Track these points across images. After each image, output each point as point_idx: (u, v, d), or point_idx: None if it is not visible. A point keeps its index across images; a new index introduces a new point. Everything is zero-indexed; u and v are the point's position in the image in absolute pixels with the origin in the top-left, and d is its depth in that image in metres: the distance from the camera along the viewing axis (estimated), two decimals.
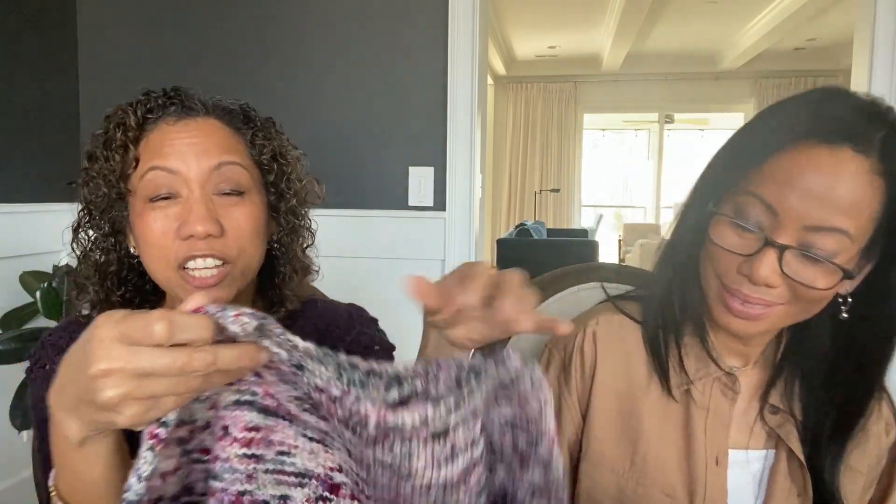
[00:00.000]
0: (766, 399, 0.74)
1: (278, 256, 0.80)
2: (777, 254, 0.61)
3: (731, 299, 0.66)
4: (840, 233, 0.60)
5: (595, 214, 8.52)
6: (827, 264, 0.61)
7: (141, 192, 0.69)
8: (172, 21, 2.28)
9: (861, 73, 1.89)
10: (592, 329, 0.78)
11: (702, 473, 0.72)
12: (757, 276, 0.62)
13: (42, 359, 0.72)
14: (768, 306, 0.64)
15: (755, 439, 0.74)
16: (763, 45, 6.39)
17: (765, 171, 0.63)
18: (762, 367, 0.76)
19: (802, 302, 0.64)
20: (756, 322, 0.66)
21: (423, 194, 2.13)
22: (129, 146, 0.69)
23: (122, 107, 0.72)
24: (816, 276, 0.62)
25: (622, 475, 0.74)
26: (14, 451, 2.10)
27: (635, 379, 0.75)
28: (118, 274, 0.75)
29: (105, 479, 0.48)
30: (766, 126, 0.66)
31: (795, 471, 0.72)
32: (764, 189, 0.62)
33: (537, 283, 1.01)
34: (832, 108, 0.62)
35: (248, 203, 0.71)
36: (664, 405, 0.74)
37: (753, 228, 0.63)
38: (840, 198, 0.59)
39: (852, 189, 0.59)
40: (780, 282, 0.63)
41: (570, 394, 0.78)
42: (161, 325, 0.38)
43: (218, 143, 0.70)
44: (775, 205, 0.62)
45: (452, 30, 2.04)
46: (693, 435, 0.72)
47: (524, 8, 5.64)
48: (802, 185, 0.60)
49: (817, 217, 0.60)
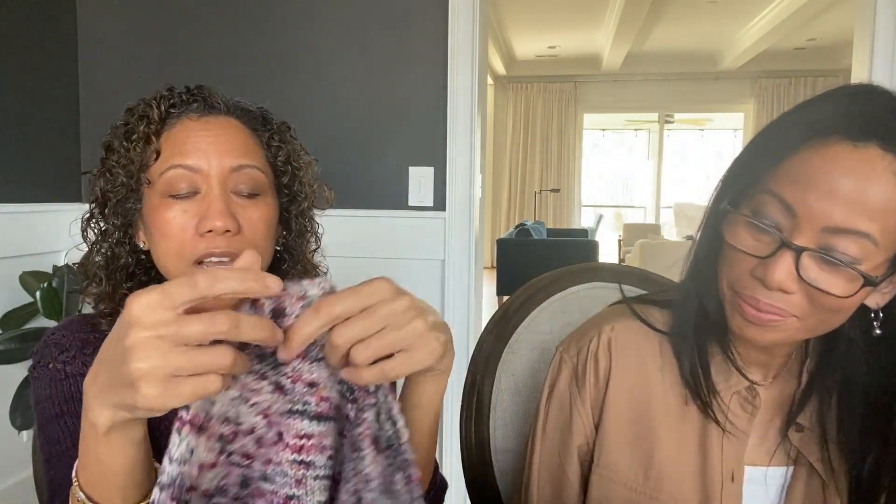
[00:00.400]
0: (792, 417, 0.69)
1: (288, 258, 0.82)
2: (794, 256, 0.57)
3: (744, 305, 0.61)
4: (863, 236, 0.55)
5: (595, 214, 8.52)
6: (847, 270, 0.56)
7: (160, 186, 0.70)
8: (173, 23, 2.28)
9: (861, 73, 1.89)
10: (608, 336, 0.74)
11: (717, 490, 0.68)
12: (771, 280, 0.57)
13: (45, 358, 0.72)
14: (782, 316, 0.59)
15: (776, 457, 0.70)
16: (763, 45, 6.40)
17: (785, 169, 0.58)
18: (784, 381, 0.71)
19: (820, 312, 0.59)
20: (770, 330, 0.61)
21: (423, 194, 2.13)
22: (151, 138, 0.71)
23: (145, 100, 0.73)
24: (835, 283, 0.57)
25: (635, 489, 0.71)
26: (14, 451, 2.10)
27: (651, 389, 0.72)
28: (126, 268, 0.76)
29: (126, 472, 0.48)
30: (789, 123, 0.61)
31: (816, 491, 0.68)
32: (783, 188, 0.58)
33: (537, 283, 1.01)
34: (860, 105, 0.58)
35: (263, 204, 0.73)
36: (681, 417, 0.71)
37: (770, 229, 0.58)
38: (865, 199, 0.54)
39: (879, 189, 0.54)
40: (796, 287, 0.58)
41: (582, 403, 0.75)
42: (202, 276, 0.40)
43: (239, 145, 0.72)
44: (794, 204, 0.57)
45: (452, 30, 2.04)
46: (709, 450, 0.69)
47: (524, 8, 5.65)
48: (824, 185, 0.55)
49: (839, 218, 0.55)
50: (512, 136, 8.47)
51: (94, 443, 0.46)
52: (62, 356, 0.71)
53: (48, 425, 0.68)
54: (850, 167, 0.55)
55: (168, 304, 0.39)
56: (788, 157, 0.58)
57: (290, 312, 0.44)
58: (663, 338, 0.73)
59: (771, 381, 0.71)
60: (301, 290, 0.44)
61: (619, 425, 0.73)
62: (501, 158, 8.51)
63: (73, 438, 0.67)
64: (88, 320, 0.76)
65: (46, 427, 0.69)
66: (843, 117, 0.56)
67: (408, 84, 2.12)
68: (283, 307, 0.43)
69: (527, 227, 6.04)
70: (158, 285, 0.40)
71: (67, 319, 0.77)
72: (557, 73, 8.08)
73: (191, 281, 0.39)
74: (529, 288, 1.02)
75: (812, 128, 0.58)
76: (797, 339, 0.64)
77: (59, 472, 0.66)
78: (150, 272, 0.78)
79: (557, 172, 8.41)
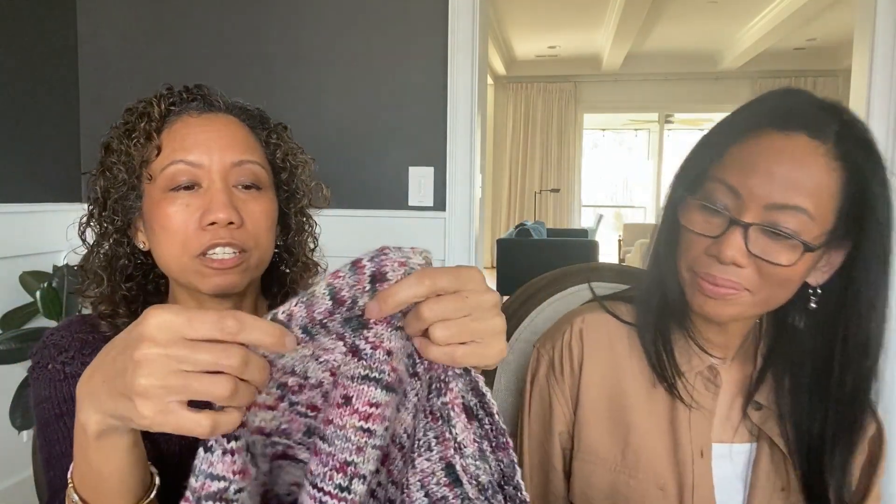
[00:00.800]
0: (750, 395, 0.76)
1: (288, 257, 0.82)
2: (742, 232, 0.65)
3: (702, 283, 0.68)
4: (801, 211, 0.63)
5: (595, 214, 8.52)
6: (789, 241, 0.64)
7: (161, 182, 0.70)
8: (173, 23, 2.28)
9: (861, 73, 1.89)
10: (579, 326, 0.80)
11: (688, 466, 0.74)
12: (724, 255, 0.65)
13: (44, 358, 0.72)
14: (736, 289, 0.67)
15: (739, 434, 0.76)
16: (763, 45, 6.40)
17: (729, 159, 0.68)
18: (742, 363, 0.78)
19: (769, 285, 0.66)
20: (727, 304, 0.68)
21: (423, 194, 2.13)
22: (152, 134, 0.71)
23: (145, 99, 0.73)
24: (780, 253, 0.64)
25: (614, 469, 0.76)
26: (14, 451, 2.10)
27: (622, 374, 0.78)
28: (125, 269, 0.76)
29: (119, 476, 0.48)
30: (730, 120, 0.71)
31: (779, 465, 0.74)
32: (728, 174, 0.67)
33: (537, 283, 1.01)
34: (790, 102, 0.68)
35: (264, 198, 0.73)
36: (651, 399, 0.77)
37: (720, 209, 0.67)
38: (798, 178, 0.63)
39: (809, 170, 0.64)
40: (747, 261, 0.65)
41: (560, 390, 0.80)
42: (232, 321, 0.40)
43: (239, 141, 0.72)
44: (738, 187, 0.65)
45: (452, 30, 2.04)
46: (678, 428, 0.75)
47: (524, 8, 5.64)
48: (763, 168, 0.64)
49: (778, 196, 0.64)
50: (512, 136, 8.46)
51: (85, 446, 0.46)
52: (61, 357, 0.71)
53: (47, 426, 0.68)
54: (783, 153, 0.64)
55: (185, 331, 0.39)
56: (731, 148, 0.68)
57: (391, 277, 0.43)
58: (630, 328, 0.79)
59: (730, 363, 0.78)
60: (403, 257, 0.44)
61: (594, 409, 0.78)
62: (501, 158, 8.51)
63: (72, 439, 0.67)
64: (88, 321, 0.76)
65: (46, 428, 0.68)
66: (774, 111, 0.67)
67: (408, 84, 2.12)
68: (384, 270, 0.43)
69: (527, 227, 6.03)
70: (185, 309, 0.40)
71: (67, 320, 0.77)
72: (557, 73, 8.08)
73: (219, 322, 0.39)
74: (529, 288, 1.02)
75: (749, 122, 0.68)
76: (751, 313, 0.71)
77: (59, 473, 0.66)
78: (147, 274, 0.78)
79: (557, 172, 8.41)
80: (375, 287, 0.43)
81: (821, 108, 0.67)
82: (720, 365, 0.77)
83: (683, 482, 0.74)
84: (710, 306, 0.69)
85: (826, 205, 0.64)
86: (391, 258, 0.44)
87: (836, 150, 0.64)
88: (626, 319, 0.80)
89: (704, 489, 0.74)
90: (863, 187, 0.65)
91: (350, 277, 0.44)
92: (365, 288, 0.43)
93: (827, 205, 0.64)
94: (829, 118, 0.66)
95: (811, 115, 0.66)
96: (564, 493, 0.81)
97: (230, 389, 0.40)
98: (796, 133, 0.65)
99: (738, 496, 0.76)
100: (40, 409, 0.70)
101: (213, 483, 0.42)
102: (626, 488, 0.75)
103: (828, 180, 0.64)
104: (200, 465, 0.42)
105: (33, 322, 2.11)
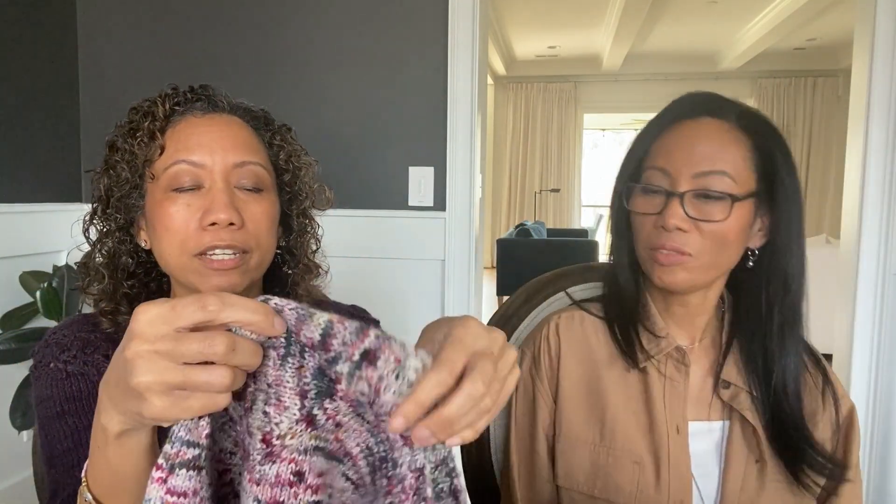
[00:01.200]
0: (718, 375, 0.83)
1: (290, 258, 0.82)
2: (679, 201, 0.76)
3: (655, 254, 0.79)
4: (723, 174, 0.75)
5: (595, 214, 8.52)
6: (720, 200, 0.75)
7: (164, 181, 0.70)
8: (173, 24, 2.28)
9: (861, 73, 1.89)
10: (555, 322, 0.88)
11: (664, 442, 0.80)
12: (668, 223, 0.76)
13: (45, 357, 0.72)
14: (684, 253, 0.77)
15: (713, 411, 0.83)
16: (763, 45, 6.40)
17: (655, 150, 0.81)
18: (710, 346, 0.86)
19: (713, 247, 0.77)
20: (679, 269, 0.77)
21: (423, 194, 2.13)
22: (155, 134, 0.71)
23: (149, 98, 0.74)
24: (713, 211, 0.75)
25: (594, 449, 0.83)
26: (14, 451, 2.10)
27: (597, 361, 0.85)
28: (127, 267, 0.76)
29: (135, 476, 0.48)
30: (651, 122, 0.84)
31: (750, 439, 0.81)
32: (658, 161, 0.79)
33: (537, 283, 1.01)
34: (695, 98, 0.82)
35: (266, 200, 0.73)
36: (625, 380, 0.84)
37: (658, 188, 0.78)
38: (713, 149, 0.76)
39: (720, 142, 0.77)
40: (689, 226, 0.76)
41: (541, 381, 0.87)
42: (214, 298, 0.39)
43: (242, 142, 0.73)
44: (668, 167, 0.78)
45: (452, 30, 2.04)
46: (653, 406, 0.82)
47: (524, 8, 5.64)
48: (685, 148, 0.77)
49: (702, 166, 0.76)
50: (512, 136, 8.47)
51: (105, 445, 0.46)
52: (63, 355, 0.71)
53: (49, 425, 0.68)
54: (697, 132, 0.78)
55: (172, 321, 0.39)
56: (655, 142, 0.81)
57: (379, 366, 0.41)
58: (602, 321, 0.88)
59: (699, 346, 0.85)
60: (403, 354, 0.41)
61: (573, 396, 0.85)
62: (501, 158, 8.51)
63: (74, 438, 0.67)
64: (89, 320, 0.76)
65: (47, 427, 0.69)
66: (682, 107, 0.81)
67: (408, 84, 2.12)
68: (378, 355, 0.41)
69: (527, 227, 6.03)
70: (168, 300, 0.40)
71: (68, 319, 0.77)
72: (557, 73, 8.08)
73: (200, 302, 0.39)
74: (529, 288, 1.02)
75: (664, 119, 0.81)
76: (703, 279, 0.79)
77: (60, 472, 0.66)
78: (150, 273, 0.78)
79: (557, 172, 8.41)
80: (362, 362, 0.41)
81: (721, 98, 0.81)
82: (689, 348, 0.84)
83: (660, 457, 0.80)
84: (665, 275, 0.78)
85: (743, 169, 0.76)
86: (393, 348, 0.41)
87: (739, 125, 0.78)
88: (598, 314, 0.89)
89: (681, 464, 0.80)
90: (769, 152, 0.77)
91: (349, 335, 0.42)
92: (353, 356, 0.41)
93: (743, 168, 0.76)
94: (728, 105, 0.80)
95: (713, 103, 0.80)
96: (550, 476, 0.87)
97: (228, 379, 0.40)
98: (702, 117, 0.79)
99: (714, 470, 0.81)
100: (42, 407, 0.70)
101: (189, 450, 0.42)
102: (606, 465, 0.81)
103: (738, 148, 0.77)
104: (178, 432, 0.42)
105: (33, 322, 2.11)
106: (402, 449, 0.44)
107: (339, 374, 0.42)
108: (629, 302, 0.86)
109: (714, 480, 0.81)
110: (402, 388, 0.41)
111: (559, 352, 0.87)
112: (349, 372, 0.42)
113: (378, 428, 0.45)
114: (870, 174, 1.85)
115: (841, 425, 0.84)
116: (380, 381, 0.41)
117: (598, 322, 0.88)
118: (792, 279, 0.80)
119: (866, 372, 1.89)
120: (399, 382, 0.41)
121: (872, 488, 1.91)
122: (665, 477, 0.79)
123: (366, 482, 0.46)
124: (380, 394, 0.42)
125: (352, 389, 0.43)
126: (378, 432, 0.45)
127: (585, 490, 0.82)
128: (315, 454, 0.43)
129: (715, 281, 0.82)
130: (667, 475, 0.79)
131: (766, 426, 0.80)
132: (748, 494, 0.79)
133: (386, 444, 0.45)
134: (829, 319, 2.05)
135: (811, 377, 0.84)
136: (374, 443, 0.45)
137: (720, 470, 0.81)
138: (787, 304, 0.80)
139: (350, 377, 0.42)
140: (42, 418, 0.69)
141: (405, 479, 0.43)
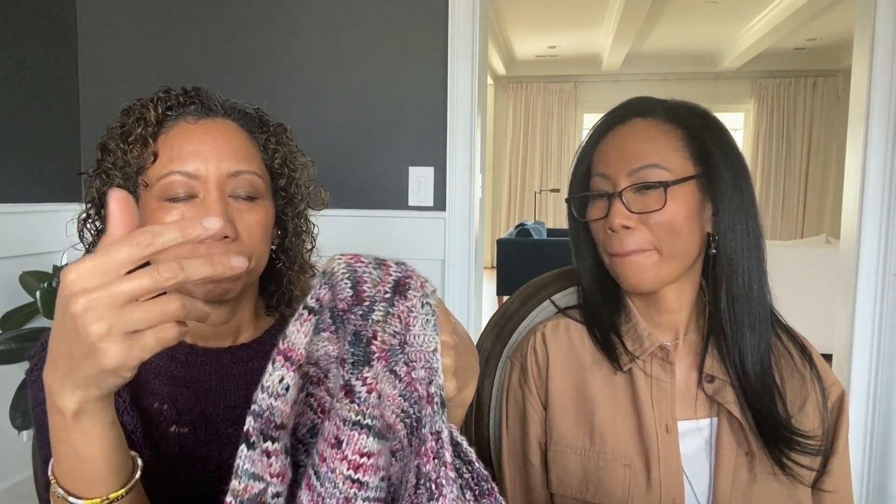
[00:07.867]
0: (701, 370, 0.82)
1: (285, 258, 0.81)
2: (619, 199, 0.78)
3: (615, 258, 0.80)
4: (655, 166, 0.77)
5: None
6: (656, 190, 0.77)
7: (157, 190, 0.69)
8: (173, 23, 2.28)
9: (861, 73, 1.89)
10: (541, 332, 0.89)
11: (654, 442, 0.80)
12: (614, 223, 0.78)
13: (42, 360, 0.72)
14: (639, 250, 0.78)
15: (700, 409, 0.83)
16: (763, 45, 6.39)
17: (595, 158, 0.84)
18: (693, 342, 0.85)
19: (664, 238, 0.77)
20: (640, 269, 0.78)
21: (423, 194, 2.13)
22: (148, 141, 0.70)
23: (141, 101, 0.72)
24: (650, 201, 0.77)
25: (585, 454, 0.83)
26: (14, 451, 2.10)
27: (584, 367, 0.86)
28: None
29: (103, 457, 0.48)
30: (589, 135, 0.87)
31: (738, 432, 0.80)
32: (598, 167, 0.82)
33: (537, 283, 1.01)
34: (623, 105, 0.85)
35: (260, 208, 0.72)
36: (612, 384, 0.84)
37: (602, 192, 0.81)
38: (643, 145, 0.79)
39: (649, 138, 0.79)
40: (634, 222, 0.78)
41: (530, 391, 0.88)
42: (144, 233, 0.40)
43: (236, 150, 0.71)
44: (606, 170, 0.81)
45: (452, 30, 2.04)
46: (642, 407, 0.82)
47: (524, 8, 5.64)
48: (616, 150, 0.81)
49: (634, 162, 0.78)
50: (512, 136, 8.47)
51: (66, 432, 0.46)
52: None
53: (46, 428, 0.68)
54: (629, 134, 0.81)
55: (110, 266, 0.39)
56: (594, 151, 0.84)
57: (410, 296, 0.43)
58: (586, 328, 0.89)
59: (682, 343, 0.85)
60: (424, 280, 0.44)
61: (562, 402, 0.86)
62: (501, 158, 8.51)
63: None
64: None
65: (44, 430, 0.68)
66: (613, 114, 0.84)
67: (408, 84, 2.12)
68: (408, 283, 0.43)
69: (527, 227, 6.03)
70: (93, 253, 0.40)
71: None
72: (557, 73, 8.08)
73: (130, 240, 0.39)
74: (529, 288, 1.02)
75: (600, 129, 0.85)
76: (666, 273, 0.79)
77: None
78: None
79: (557, 172, 8.41)
80: (395, 298, 0.42)
81: (650, 99, 0.84)
82: (673, 346, 0.84)
83: (650, 458, 0.80)
84: (629, 278, 0.80)
85: (675, 158, 0.78)
86: (416, 276, 0.43)
87: (667, 118, 0.80)
88: (580, 320, 0.90)
89: (671, 463, 0.80)
90: (699, 137, 0.79)
91: (375, 272, 0.42)
92: (385, 293, 0.42)
93: (676, 158, 0.78)
94: (655, 103, 0.83)
95: (640, 105, 0.83)
96: (544, 484, 0.87)
97: (178, 301, 0.40)
98: (632, 119, 0.82)
99: (705, 467, 0.81)
100: (39, 410, 0.69)
101: (255, 484, 0.41)
102: (597, 470, 0.82)
103: (668, 139, 0.79)
104: (243, 465, 0.41)
105: (33, 322, 2.12)
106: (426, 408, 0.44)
107: (375, 326, 0.42)
108: (600, 307, 0.87)
109: (705, 477, 0.81)
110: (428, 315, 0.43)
111: (547, 361, 0.87)
112: (383, 316, 0.42)
113: (411, 386, 0.44)
114: (870, 174, 1.85)
115: (831, 410, 0.83)
116: (409, 312, 0.42)
117: (583, 328, 0.88)
118: (736, 255, 0.79)
119: (866, 372, 1.89)
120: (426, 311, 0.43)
121: (872, 488, 1.91)
122: (656, 477, 0.79)
123: (403, 445, 0.45)
124: (409, 327, 0.42)
125: (387, 335, 0.43)
126: (410, 391, 0.44)
127: (579, 496, 0.82)
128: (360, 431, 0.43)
129: (684, 273, 0.81)
130: (657, 475, 0.79)
131: (751, 416, 0.80)
132: (740, 488, 0.79)
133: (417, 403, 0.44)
134: (829, 319, 2.05)
135: (796, 363, 0.84)
136: (407, 405, 0.44)
137: (711, 466, 0.81)
138: (735, 283, 0.80)
139: (384, 323, 0.42)
140: (39, 422, 0.69)
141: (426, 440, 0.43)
